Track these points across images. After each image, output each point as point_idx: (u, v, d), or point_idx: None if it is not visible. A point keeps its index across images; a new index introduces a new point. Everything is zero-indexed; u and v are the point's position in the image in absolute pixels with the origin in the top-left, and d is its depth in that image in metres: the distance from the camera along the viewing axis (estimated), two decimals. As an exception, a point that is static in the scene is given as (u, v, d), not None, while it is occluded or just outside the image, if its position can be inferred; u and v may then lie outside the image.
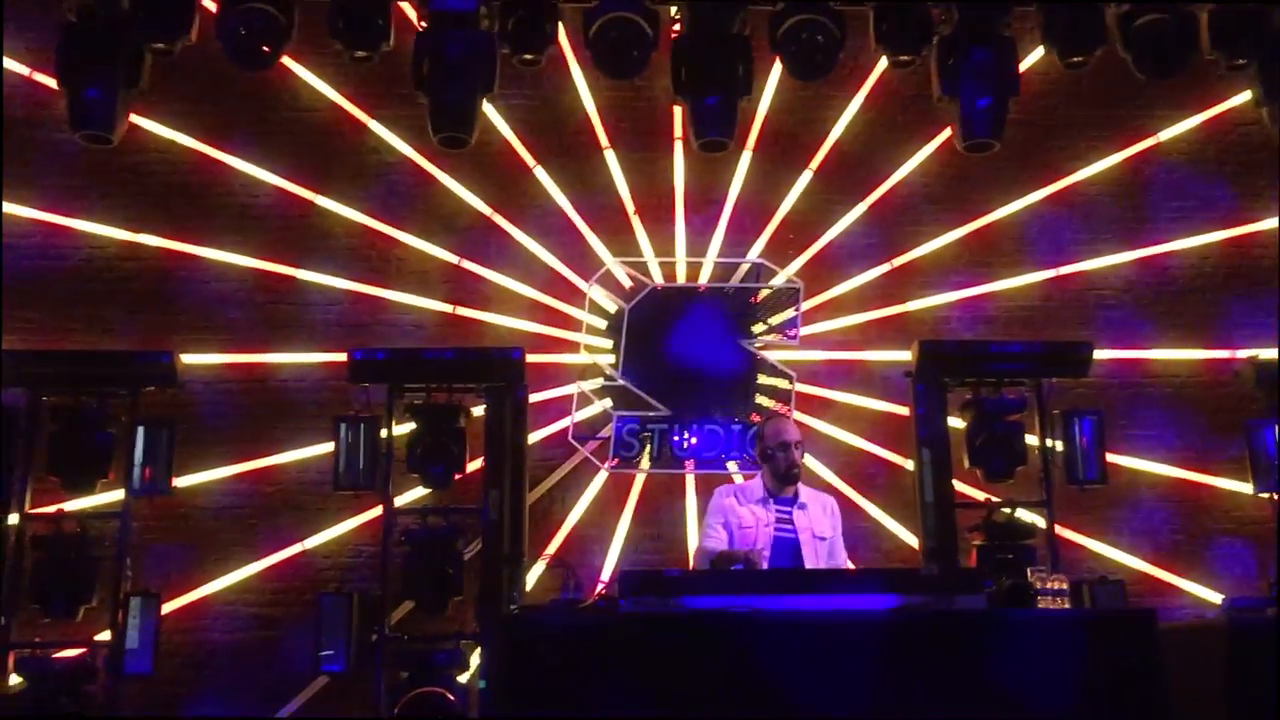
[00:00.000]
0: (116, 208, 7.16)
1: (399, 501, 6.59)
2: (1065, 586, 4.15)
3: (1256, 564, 6.72)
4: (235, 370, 7.04)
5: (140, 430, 6.37)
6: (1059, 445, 6.50)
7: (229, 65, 6.36)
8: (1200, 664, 4.38)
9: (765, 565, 4.62)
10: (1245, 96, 7.17)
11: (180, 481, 6.65)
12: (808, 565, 4.73)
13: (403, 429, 6.57)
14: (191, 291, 7.14)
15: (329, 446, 6.52)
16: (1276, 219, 7.28)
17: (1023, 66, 6.62)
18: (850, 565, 4.94)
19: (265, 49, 6.19)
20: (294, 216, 7.26)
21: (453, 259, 7.25)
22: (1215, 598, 6.69)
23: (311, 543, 6.83)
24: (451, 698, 6.10)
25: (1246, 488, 6.68)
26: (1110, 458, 6.59)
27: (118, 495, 6.40)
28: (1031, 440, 6.57)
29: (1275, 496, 6.45)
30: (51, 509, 6.35)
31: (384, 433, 6.46)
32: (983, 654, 3.72)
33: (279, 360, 7.08)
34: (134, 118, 6.99)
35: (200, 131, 7.26)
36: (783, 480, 4.87)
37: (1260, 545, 6.72)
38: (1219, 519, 6.99)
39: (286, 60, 6.93)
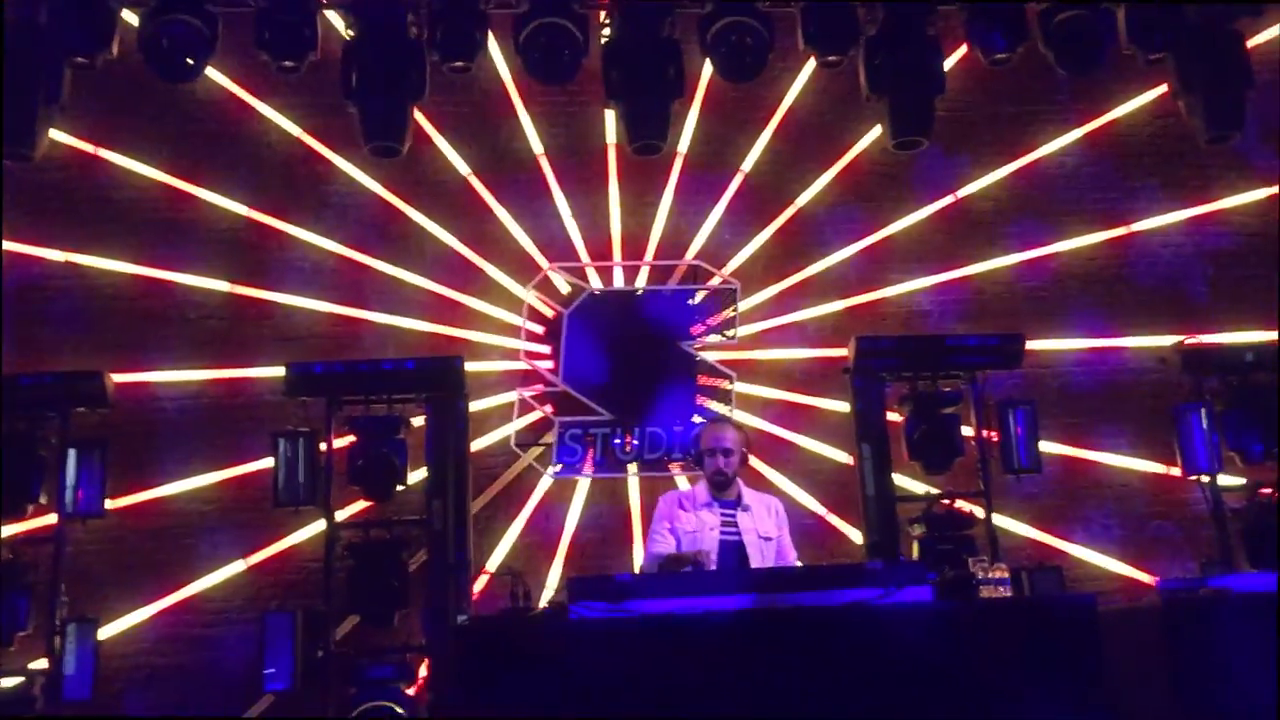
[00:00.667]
0: (43, 227, 6.99)
1: (340, 515, 6.52)
2: (1006, 575, 4.23)
3: (1188, 545, 6.88)
4: (169, 388, 6.92)
5: (72, 452, 6.24)
6: (995, 435, 6.62)
7: (152, 77, 6.26)
8: (1139, 646, 4.47)
9: (713, 568, 4.65)
10: (1161, 89, 7.39)
11: (115, 503, 6.52)
12: (754, 566, 4.76)
13: (342, 441, 6.50)
14: (123, 310, 7.00)
15: (268, 462, 6.44)
16: (1187, 210, 7.46)
17: (947, 64, 6.72)
18: (798, 564, 4.98)
19: (189, 60, 6.09)
20: (223, 231, 7.17)
21: (387, 268, 7.19)
22: (1149, 579, 6.85)
23: (252, 560, 6.73)
24: (401, 711, 6.05)
25: (1176, 471, 6.85)
26: (1044, 446, 6.72)
27: (51, 520, 6.27)
28: (968, 432, 6.67)
29: (1203, 479, 6.62)
30: (-18, 535, 6.19)
31: (323, 446, 6.39)
32: (932, 644, 3.78)
33: (213, 376, 6.97)
34: (54, 133, 6.85)
35: (125, 147, 7.14)
36: (712, 485, 4.90)
37: (1190, 527, 6.88)
38: (1151, 503, 7.15)
39: (212, 72, 6.83)
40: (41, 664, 6.07)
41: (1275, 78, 7.08)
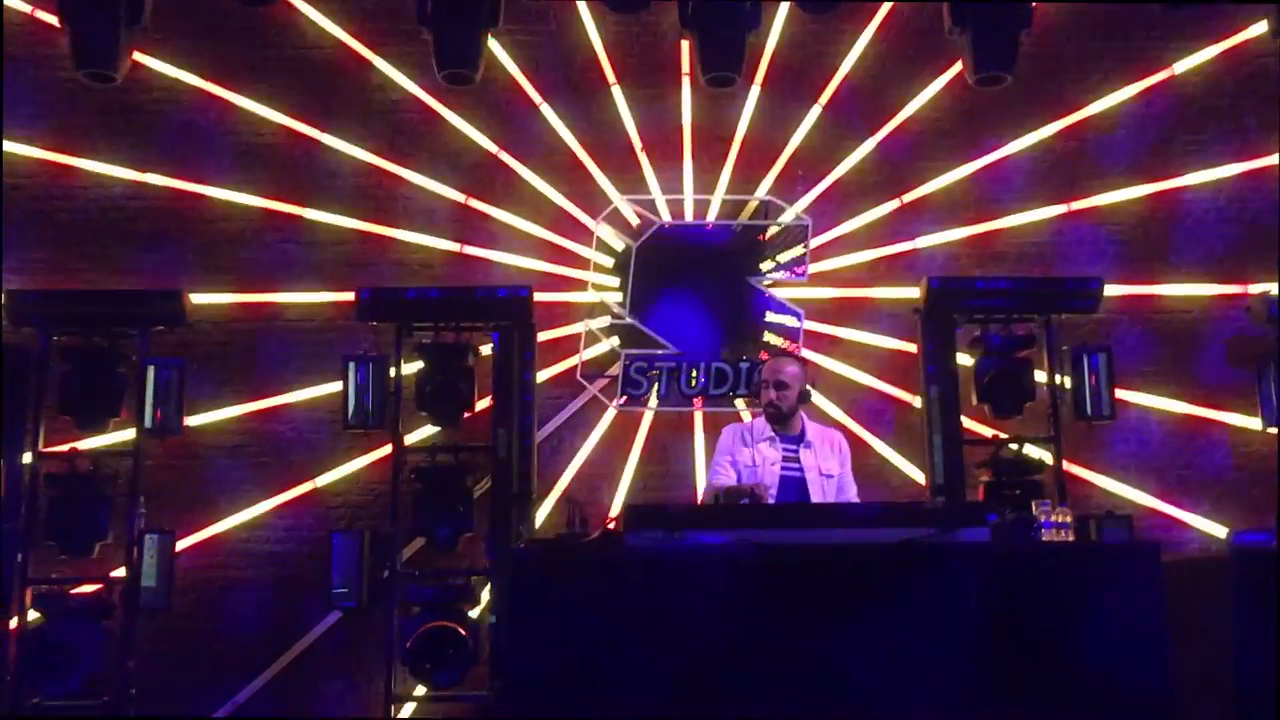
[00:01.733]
0: (122, 147, 7.12)
1: (409, 440, 6.64)
2: (1069, 520, 4.16)
3: (1264, 499, 6.70)
4: (244, 309, 7.05)
5: (150, 369, 6.42)
6: (1068, 381, 6.49)
7: (232, 2, 6.33)
8: (1205, 597, 4.39)
9: (772, 501, 4.65)
10: (1262, 28, 7.07)
11: (191, 420, 6.70)
12: (815, 501, 4.75)
13: (411, 368, 6.60)
14: (199, 231, 7.13)
15: (338, 385, 6.55)
16: (1272, 156, 7.14)
17: (1035, -2, 6.53)
18: (858, 500, 4.95)
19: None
20: (299, 155, 7.22)
21: (459, 197, 7.22)
22: (1222, 533, 6.71)
23: (322, 481, 6.88)
24: (463, 632, 6.19)
25: (1255, 423, 6.67)
26: (1119, 393, 6.58)
27: (130, 434, 6.47)
28: (1040, 377, 6.55)
29: (1283, 431, 6.45)
30: (65, 448, 6.41)
31: (392, 372, 6.49)
32: (987, 587, 3.75)
33: (287, 300, 7.08)
34: (137, 56, 6.98)
35: (204, 70, 7.20)
36: (768, 418, 4.89)
37: (1267, 481, 6.69)
38: (1227, 455, 6.97)
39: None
40: (120, 573, 6.31)
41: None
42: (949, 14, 6.62)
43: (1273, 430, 6.53)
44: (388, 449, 6.59)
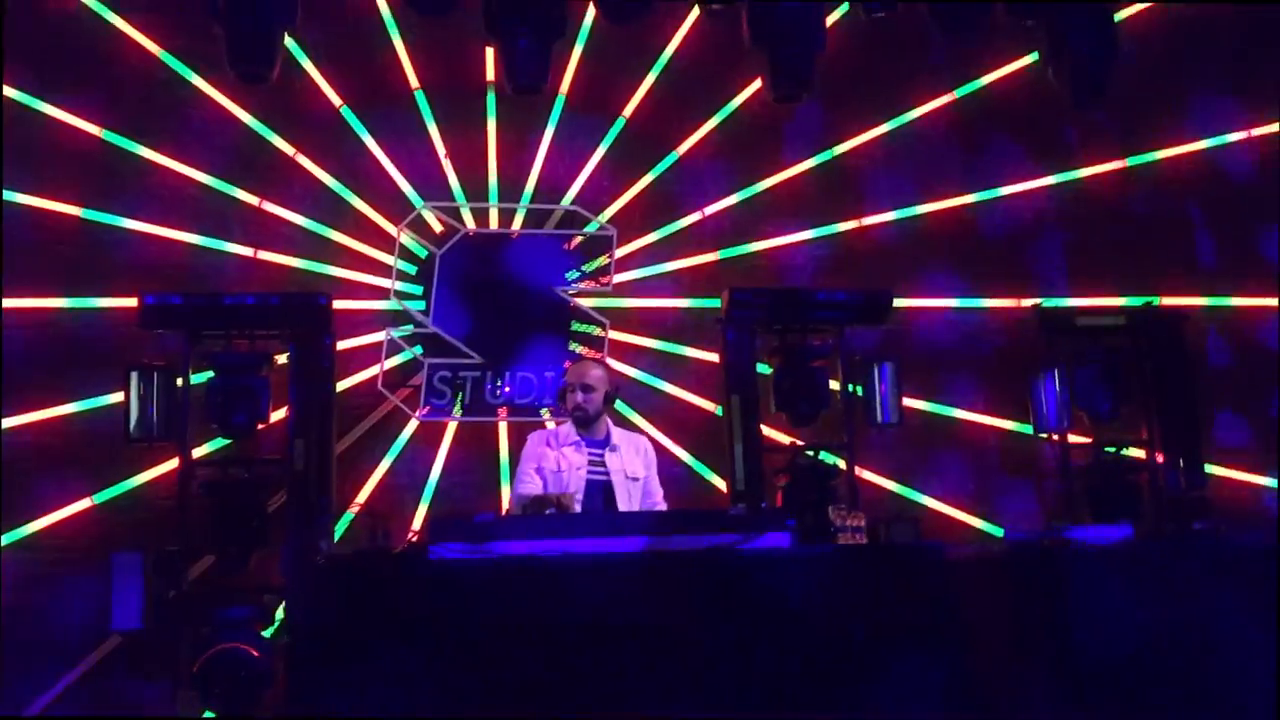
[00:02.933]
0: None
1: (198, 453, 6.34)
2: (863, 523, 4.33)
3: (1036, 501, 7.16)
4: (17, 316, 6.56)
5: (-94, 380, 5.91)
6: (859, 390, 6.76)
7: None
8: (986, 594, 4.65)
9: (578, 508, 4.65)
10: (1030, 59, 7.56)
11: (-45, 435, 6.22)
12: (620, 506, 4.80)
13: (202, 377, 6.30)
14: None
15: (119, 396, 6.19)
16: (1048, 177, 7.67)
17: (830, 19, 6.78)
18: (664, 504, 5.02)
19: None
20: (80, 154, 6.79)
21: (254, 200, 6.95)
22: (998, 532, 7.12)
23: (101, 498, 6.49)
24: (256, 653, 5.93)
25: (1028, 429, 7.10)
26: (908, 402, 6.89)
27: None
28: (834, 385, 6.80)
29: (1052, 438, 6.88)
30: None
31: (180, 381, 6.18)
32: (788, 588, 3.85)
33: (65, 306, 6.65)
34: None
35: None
36: (574, 421, 4.92)
37: (1039, 483, 7.14)
38: (1004, 460, 7.40)
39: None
40: None
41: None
42: (748, 34, 6.79)
43: (1042, 436, 6.96)
44: (174, 463, 6.27)
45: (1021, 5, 6.52)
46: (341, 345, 6.61)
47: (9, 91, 6.69)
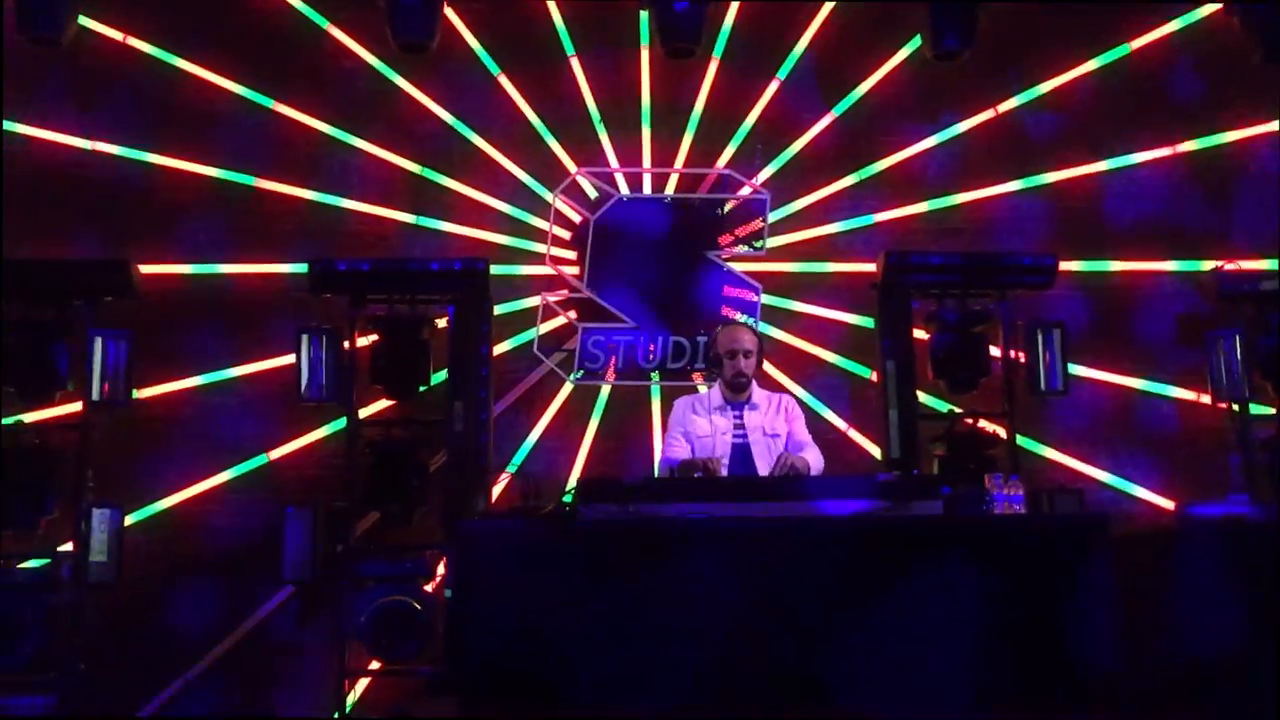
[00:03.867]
0: (69, 114, 6.97)
1: (363, 414, 6.57)
2: (1021, 493, 4.19)
3: (1212, 473, 6.78)
4: (194, 281, 6.93)
5: (97, 341, 6.28)
6: (1022, 356, 6.53)
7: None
8: (1155, 570, 4.45)
9: (725, 473, 4.64)
10: (1215, 6, 7.12)
11: (140, 394, 6.59)
12: (758, 463, 4.75)
13: (366, 341, 6.52)
14: (149, 201, 6.99)
15: (291, 358, 6.46)
16: (1238, 131, 7.21)
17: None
18: (819, 458, 4.93)
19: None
20: (251, 125, 7.10)
21: (414, 168, 7.14)
22: (1170, 505, 6.80)
23: (275, 454, 6.80)
24: (418, 606, 6.15)
25: (1205, 398, 6.75)
26: (1073, 369, 6.63)
27: (77, 407, 6.35)
28: (995, 352, 6.59)
29: (1233, 406, 6.52)
30: (10, 420, 6.28)
31: (346, 345, 6.41)
32: (941, 558, 3.77)
33: (239, 271, 6.97)
34: (83, 20, 6.82)
35: (153, 36, 7.06)
36: (730, 387, 4.90)
37: (1216, 455, 6.77)
38: (1178, 429, 7.05)
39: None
40: (68, 548, 6.20)
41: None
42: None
43: (1221, 405, 6.60)
44: (342, 423, 6.52)
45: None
46: (498, 310, 6.74)
47: (191, 68, 7.02)
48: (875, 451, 6.76)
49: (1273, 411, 6.57)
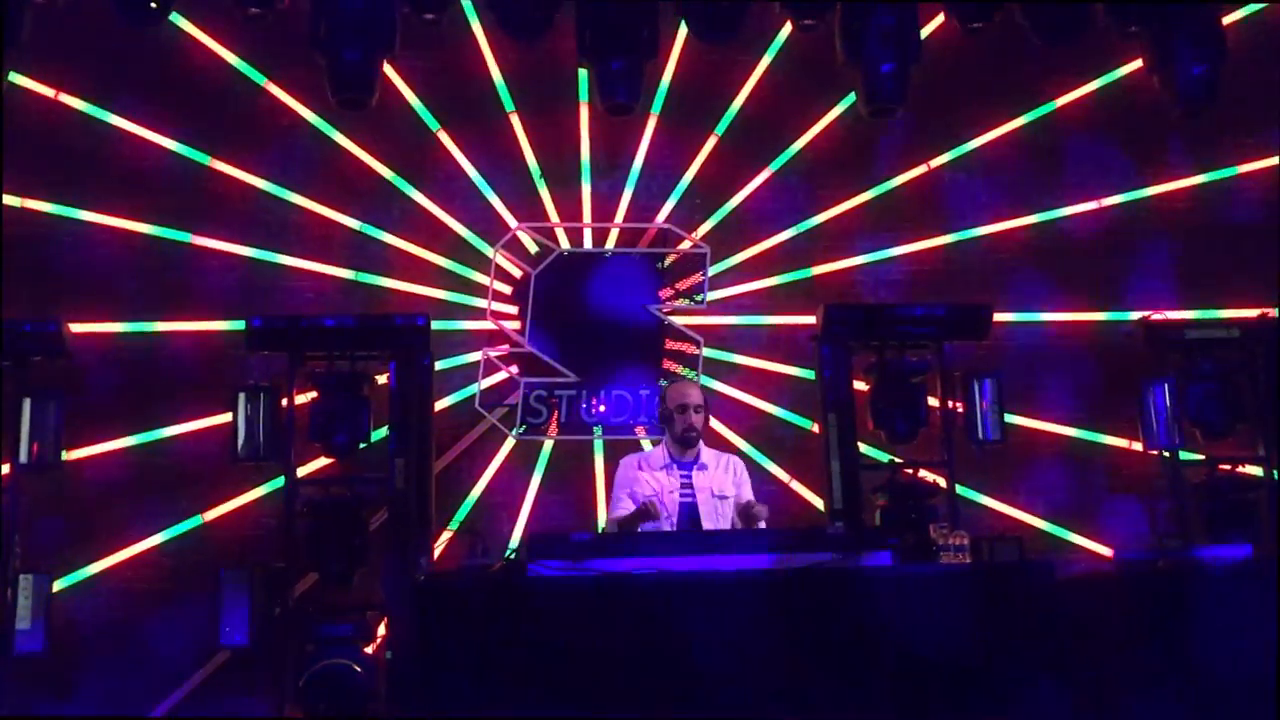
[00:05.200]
0: (-2, 171, 6.85)
1: (302, 472, 6.47)
2: (966, 542, 4.24)
3: (1146, 520, 6.91)
4: (127, 340, 6.80)
5: (27, 402, 6.14)
6: (960, 406, 6.63)
7: (115, 21, 6.14)
8: (1094, 615, 4.51)
9: (667, 517, 4.64)
10: (1138, 64, 7.36)
11: (71, 455, 6.43)
12: (705, 525, 4.74)
13: (304, 398, 6.43)
14: (80, 259, 6.88)
15: (227, 417, 6.35)
16: (1159, 186, 7.45)
17: (924, 32, 6.69)
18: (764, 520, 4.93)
19: (154, 4, 5.98)
20: (188, 181, 7.02)
21: (354, 224, 7.10)
22: (1108, 553, 6.91)
23: (210, 515, 6.66)
24: (358, 669, 6.02)
25: (1138, 446, 6.88)
26: (1009, 418, 6.73)
27: (4, 470, 6.17)
28: (933, 402, 6.68)
29: (1164, 454, 6.67)
30: (-67, 484, 6.08)
31: (284, 402, 6.32)
32: (891, 609, 3.78)
33: (173, 328, 6.86)
34: (13, 76, 6.71)
35: (85, 91, 6.98)
36: (680, 443, 4.91)
37: (1149, 502, 6.90)
38: (1111, 477, 7.19)
39: (176, 18, 6.71)
40: (-8, 615, 5.99)
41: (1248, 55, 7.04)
42: (841, 48, 6.74)
43: (1153, 452, 6.74)
44: (280, 482, 6.41)
45: (1124, 7, 6.35)
46: (439, 365, 6.71)
47: (123, 123, 6.94)
48: (818, 503, 6.80)
49: (1202, 458, 6.73)
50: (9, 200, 6.80)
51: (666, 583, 3.73)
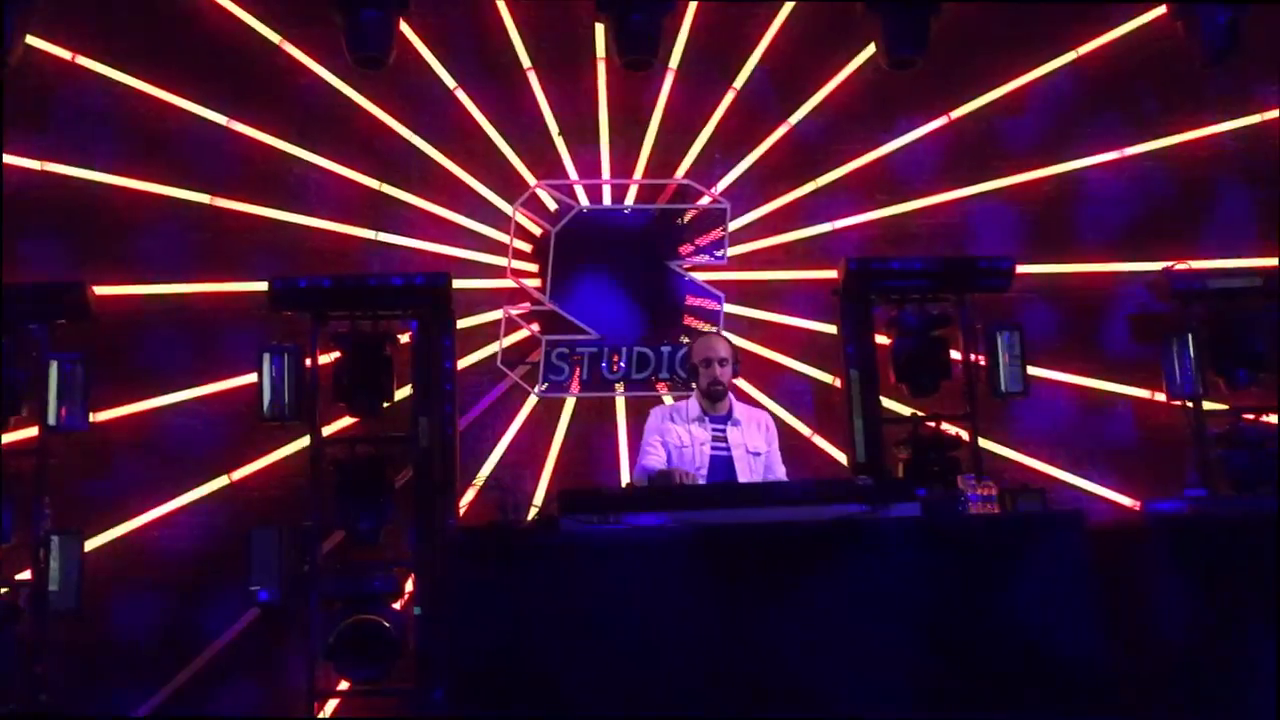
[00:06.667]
0: (19, 136, 6.83)
1: (326, 431, 6.51)
2: (994, 493, 4.25)
3: (1169, 469, 6.91)
4: (151, 302, 6.83)
5: (54, 365, 6.18)
6: (982, 359, 6.62)
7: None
8: (1119, 566, 4.53)
9: (702, 483, 4.66)
10: (1161, 10, 7.28)
11: (98, 417, 6.48)
12: (740, 479, 4.77)
13: (328, 357, 6.46)
14: (103, 221, 6.89)
15: (252, 377, 6.39)
16: (1181, 135, 7.38)
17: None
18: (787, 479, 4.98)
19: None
20: (206, 142, 7.01)
21: (373, 184, 7.09)
22: (1129, 502, 6.92)
23: (237, 475, 6.71)
24: (387, 625, 6.09)
25: (1160, 397, 6.87)
26: (1032, 370, 6.72)
27: (33, 432, 6.23)
28: (955, 355, 6.67)
29: (1187, 404, 6.66)
30: (-38, 448, 6.14)
31: (308, 362, 6.35)
32: (922, 559, 3.80)
33: (197, 290, 6.88)
34: (30, 39, 6.70)
35: (103, 54, 6.96)
36: (707, 396, 4.92)
37: (1171, 452, 6.90)
38: (1134, 427, 7.18)
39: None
40: (25, 576, 6.07)
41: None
42: (862, -2, 6.70)
43: (1176, 403, 6.73)
44: (305, 441, 6.45)
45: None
46: (461, 324, 6.72)
47: (142, 85, 6.93)
48: (841, 457, 6.82)
49: (1225, 408, 6.72)
50: (29, 164, 6.82)
51: (702, 536, 3.74)
